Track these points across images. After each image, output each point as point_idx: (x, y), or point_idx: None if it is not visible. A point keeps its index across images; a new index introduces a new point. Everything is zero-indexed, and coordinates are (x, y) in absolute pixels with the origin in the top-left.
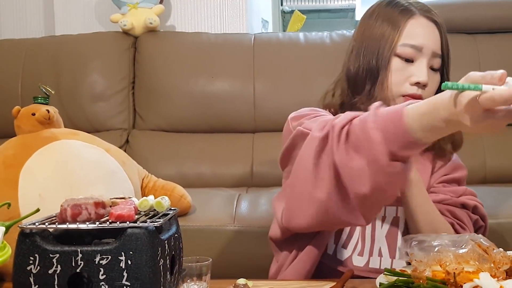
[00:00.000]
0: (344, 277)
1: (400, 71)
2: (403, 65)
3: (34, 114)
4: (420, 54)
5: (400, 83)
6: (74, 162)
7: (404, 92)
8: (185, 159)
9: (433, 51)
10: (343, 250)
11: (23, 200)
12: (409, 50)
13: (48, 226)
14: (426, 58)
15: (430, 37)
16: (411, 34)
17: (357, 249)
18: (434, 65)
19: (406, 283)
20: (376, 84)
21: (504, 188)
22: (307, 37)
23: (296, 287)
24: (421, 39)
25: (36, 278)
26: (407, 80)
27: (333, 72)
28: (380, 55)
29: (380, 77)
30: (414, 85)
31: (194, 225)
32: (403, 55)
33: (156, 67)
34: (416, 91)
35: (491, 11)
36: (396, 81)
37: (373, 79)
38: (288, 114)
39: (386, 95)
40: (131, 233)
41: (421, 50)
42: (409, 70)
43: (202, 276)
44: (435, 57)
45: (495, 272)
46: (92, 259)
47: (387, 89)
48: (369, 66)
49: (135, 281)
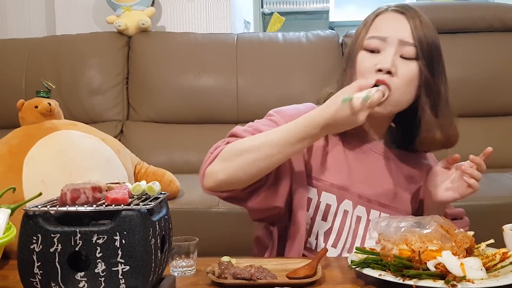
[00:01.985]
0: (319, 254)
1: (366, 61)
2: (369, 56)
3: (37, 107)
4: (385, 43)
5: (366, 72)
6: (73, 151)
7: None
8: (174, 148)
9: (399, 40)
10: (323, 245)
11: (26, 185)
12: (374, 41)
13: (49, 208)
14: (392, 47)
15: (395, 27)
16: (377, 27)
17: (330, 240)
18: (404, 54)
19: (375, 261)
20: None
21: None
22: (285, 36)
23: (275, 263)
24: (386, 30)
25: (38, 256)
26: (373, 68)
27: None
28: (352, 51)
29: (350, 72)
30: (378, 72)
31: (182, 207)
32: (368, 47)
33: (148, 64)
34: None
35: (453, 13)
36: (363, 71)
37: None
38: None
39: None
40: (125, 215)
41: (386, 40)
42: (375, 60)
43: (189, 254)
44: (405, 46)
45: (456, 250)
46: (89, 238)
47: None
48: (347, 64)
49: (129, 258)
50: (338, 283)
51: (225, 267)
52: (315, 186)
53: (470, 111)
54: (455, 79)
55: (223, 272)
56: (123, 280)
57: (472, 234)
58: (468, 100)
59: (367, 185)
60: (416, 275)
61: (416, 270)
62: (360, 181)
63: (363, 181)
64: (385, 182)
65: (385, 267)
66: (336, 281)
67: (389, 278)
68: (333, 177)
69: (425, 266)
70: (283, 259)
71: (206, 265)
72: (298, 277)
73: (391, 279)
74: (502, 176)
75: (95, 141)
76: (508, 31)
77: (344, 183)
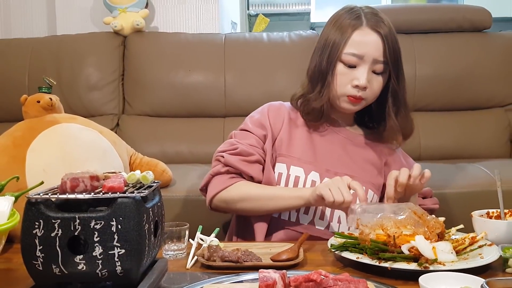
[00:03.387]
0: (301, 239)
1: (344, 75)
2: (346, 70)
3: (39, 102)
4: (362, 61)
5: (344, 85)
6: (73, 142)
7: (347, 92)
8: (166, 140)
9: (374, 59)
10: (304, 216)
11: (29, 174)
12: (352, 58)
13: (50, 196)
14: (367, 64)
15: (372, 47)
16: (355, 44)
17: (317, 214)
18: (376, 70)
19: (353, 244)
20: (325, 85)
21: (436, 164)
22: (270, 36)
23: (260, 247)
24: (363, 49)
25: (40, 240)
26: (350, 82)
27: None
28: (329, 60)
29: (327, 80)
30: (354, 87)
31: (174, 195)
32: (346, 62)
33: (142, 62)
34: (357, 92)
35: (425, 15)
36: (341, 83)
37: (323, 80)
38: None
39: (333, 95)
40: (121, 202)
41: (362, 58)
42: (352, 74)
43: (181, 238)
44: (377, 63)
45: (429, 235)
46: (88, 224)
47: (333, 90)
48: (321, 67)
49: (124, 242)
50: (318, 265)
51: (213, 250)
52: (284, 162)
53: (441, 105)
54: (427, 76)
55: (212, 255)
56: (119, 263)
57: (443, 220)
58: (439, 95)
59: (331, 160)
60: (391, 258)
61: (391, 254)
62: (324, 157)
63: (327, 157)
64: (347, 160)
65: (362, 250)
66: (317, 263)
67: (366, 260)
68: (300, 153)
69: (400, 249)
70: (268, 243)
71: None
72: (281, 260)
73: (368, 261)
74: (471, 166)
75: (93, 133)
76: (476, 31)
77: (310, 159)
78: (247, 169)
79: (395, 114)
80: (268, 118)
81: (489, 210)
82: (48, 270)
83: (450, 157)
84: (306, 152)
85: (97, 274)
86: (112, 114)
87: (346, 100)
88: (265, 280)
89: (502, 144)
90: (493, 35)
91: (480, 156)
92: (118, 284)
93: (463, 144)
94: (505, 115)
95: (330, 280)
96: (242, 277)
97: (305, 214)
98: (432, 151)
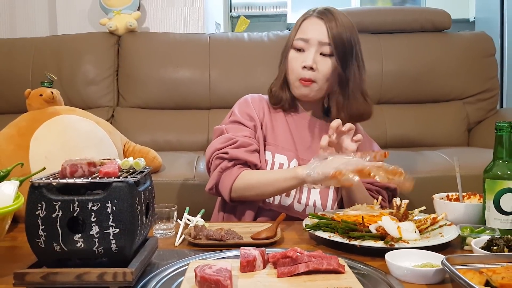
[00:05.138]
0: (278, 219)
1: (295, 59)
2: (296, 55)
3: (41, 95)
4: (308, 44)
5: (295, 69)
6: (72, 132)
7: (299, 75)
8: (157, 129)
9: (318, 41)
10: (286, 198)
11: (32, 160)
12: (300, 43)
13: (52, 180)
14: (314, 47)
15: (316, 31)
16: (303, 30)
17: (296, 197)
18: (323, 51)
19: (326, 224)
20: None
21: (401, 152)
22: (250, 36)
23: (241, 227)
24: (309, 33)
25: (42, 221)
26: (300, 65)
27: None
28: (285, 49)
29: (284, 65)
30: (303, 68)
31: (164, 180)
32: (296, 46)
33: (134, 59)
34: (306, 74)
35: (391, 16)
36: (293, 67)
37: (282, 68)
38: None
39: (288, 79)
40: (115, 186)
41: (308, 41)
42: (301, 58)
43: (170, 219)
44: (323, 45)
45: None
46: (85, 206)
47: (288, 75)
48: (281, 59)
49: (118, 222)
50: (294, 243)
51: (199, 229)
52: (270, 149)
53: (405, 98)
54: (393, 72)
55: (198, 234)
56: (114, 241)
57: (407, 202)
58: (404, 89)
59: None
60: (360, 236)
61: (360, 233)
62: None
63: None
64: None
65: (334, 229)
66: (293, 241)
67: (338, 239)
68: (282, 141)
69: (368, 229)
70: (249, 223)
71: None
72: (261, 238)
73: (339, 240)
74: (432, 153)
75: (90, 124)
76: (437, 32)
77: (290, 147)
78: (252, 158)
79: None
80: (254, 109)
81: (449, 193)
82: (49, 247)
83: (413, 145)
84: (287, 140)
85: (94, 251)
86: (107, 106)
87: (299, 85)
88: (246, 257)
89: (460, 134)
90: (452, 35)
91: (440, 144)
92: (113, 260)
93: (425, 133)
94: (463, 108)
95: (305, 256)
96: (225, 254)
97: (286, 197)
98: (397, 140)
